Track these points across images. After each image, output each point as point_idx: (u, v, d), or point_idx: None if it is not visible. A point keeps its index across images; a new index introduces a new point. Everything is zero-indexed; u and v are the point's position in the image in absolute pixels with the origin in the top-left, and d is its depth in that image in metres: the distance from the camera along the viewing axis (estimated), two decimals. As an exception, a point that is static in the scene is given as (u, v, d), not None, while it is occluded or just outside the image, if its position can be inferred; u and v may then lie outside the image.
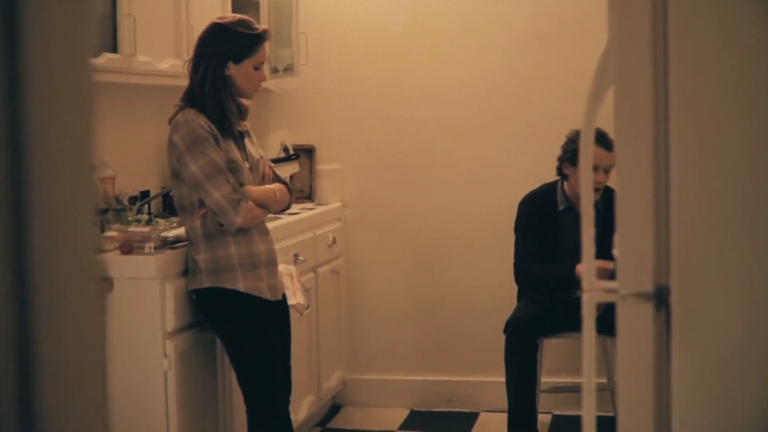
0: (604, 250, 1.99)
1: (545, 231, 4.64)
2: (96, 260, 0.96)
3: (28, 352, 0.86)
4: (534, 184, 4.72)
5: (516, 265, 4.67)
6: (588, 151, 1.71)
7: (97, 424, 0.94)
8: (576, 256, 4.60)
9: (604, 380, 4.68)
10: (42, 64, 0.88)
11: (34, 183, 0.87)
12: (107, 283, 3.51)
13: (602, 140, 4.36)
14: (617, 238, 1.65)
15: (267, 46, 3.72)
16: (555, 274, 4.56)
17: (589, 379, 1.72)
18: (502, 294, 5.02)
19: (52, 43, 0.89)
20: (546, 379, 4.79)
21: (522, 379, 4.49)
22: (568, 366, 5.07)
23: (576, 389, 4.87)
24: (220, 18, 3.72)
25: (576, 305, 4.38)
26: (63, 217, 0.91)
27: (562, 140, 4.61)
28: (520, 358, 4.50)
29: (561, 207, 4.64)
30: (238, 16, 3.79)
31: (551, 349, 4.92)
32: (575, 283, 4.35)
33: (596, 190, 4.51)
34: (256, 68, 3.66)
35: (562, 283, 4.48)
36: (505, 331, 4.55)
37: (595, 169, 4.46)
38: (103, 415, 0.94)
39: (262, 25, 3.79)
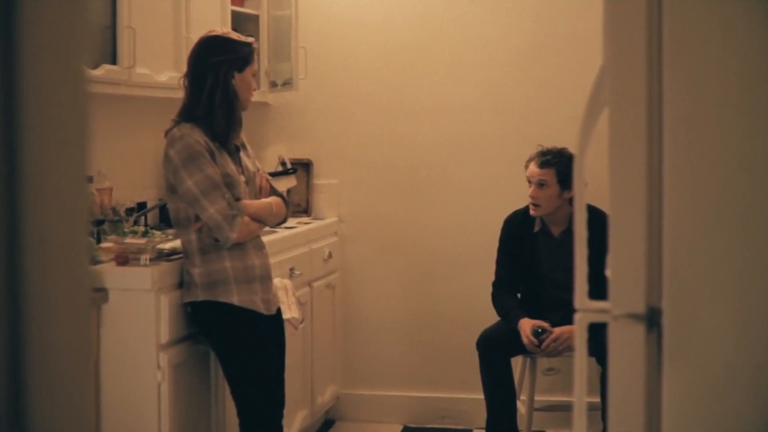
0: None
1: (522, 253, 4.68)
2: (88, 270, 0.96)
3: (18, 360, 0.86)
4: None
5: (492, 286, 4.76)
6: (581, 173, 1.72)
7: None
8: (552, 280, 4.64)
9: (596, 399, 4.67)
10: (37, 75, 0.89)
11: (28, 193, 0.88)
12: (102, 294, 3.51)
13: (539, 156, 4.60)
14: (610, 259, 1.66)
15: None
16: (506, 318, 4.66)
17: (580, 398, 1.72)
18: (497, 311, 5.02)
19: (47, 54, 0.90)
20: (540, 398, 4.79)
21: (495, 395, 4.55)
22: (561, 384, 5.06)
23: (569, 408, 4.86)
24: (210, 32, 3.73)
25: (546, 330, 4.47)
26: (56, 227, 0.91)
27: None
28: (492, 374, 4.55)
29: (537, 229, 4.68)
30: (224, 28, 3.88)
31: (545, 367, 4.92)
32: (537, 333, 4.47)
33: (534, 206, 4.58)
34: (253, 76, 3.71)
35: (513, 331, 4.56)
36: (477, 346, 4.60)
37: (529, 182, 4.64)
38: (90, 425, 0.94)
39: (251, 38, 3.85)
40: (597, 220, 1.88)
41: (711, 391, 1.59)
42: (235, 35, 3.72)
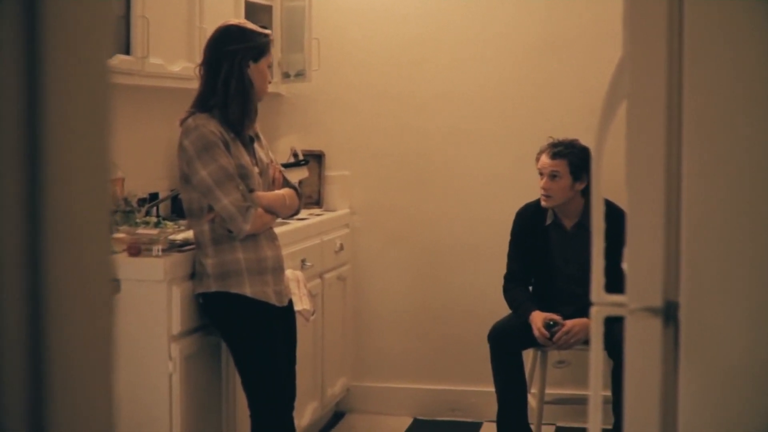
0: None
1: (534, 246, 4.66)
2: (108, 262, 0.96)
3: (38, 351, 0.86)
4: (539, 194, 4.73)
5: (504, 279, 4.74)
6: (599, 166, 1.71)
7: (105, 426, 0.94)
8: (564, 273, 4.63)
9: (607, 393, 4.66)
10: (60, 67, 0.89)
11: (49, 184, 0.88)
12: (115, 284, 3.51)
13: (551, 147, 4.58)
14: (627, 252, 1.65)
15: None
16: (518, 311, 4.63)
17: (596, 392, 1.72)
18: (508, 304, 5.01)
19: (69, 47, 0.90)
20: (550, 391, 4.79)
21: (506, 388, 4.53)
22: (572, 378, 5.06)
23: (579, 401, 4.86)
24: (227, 21, 3.75)
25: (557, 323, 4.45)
26: (77, 219, 0.91)
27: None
28: (503, 367, 4.54)
29: (549, 221, 4.66)
30: (240, 19, 3.89)
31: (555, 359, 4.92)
32: (548, 326, 4.45)
33: (546, 197, 4.56)
34: (268, 67, 3.72)
35: (524, 324, 4.54)
36: (488, 339, 4.59)
37: (541, 174, 4.60)
38: (111, 417, 0.94)
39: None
40: (610, 214, 1.87)
41: (728, 386, 1.58)
42: (251, 26, 3.73)
